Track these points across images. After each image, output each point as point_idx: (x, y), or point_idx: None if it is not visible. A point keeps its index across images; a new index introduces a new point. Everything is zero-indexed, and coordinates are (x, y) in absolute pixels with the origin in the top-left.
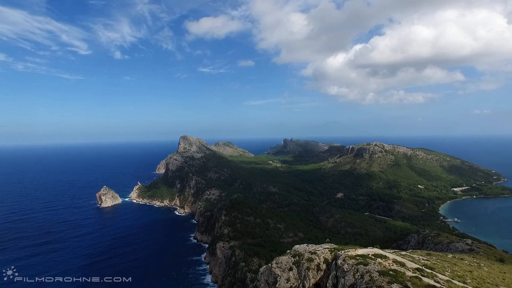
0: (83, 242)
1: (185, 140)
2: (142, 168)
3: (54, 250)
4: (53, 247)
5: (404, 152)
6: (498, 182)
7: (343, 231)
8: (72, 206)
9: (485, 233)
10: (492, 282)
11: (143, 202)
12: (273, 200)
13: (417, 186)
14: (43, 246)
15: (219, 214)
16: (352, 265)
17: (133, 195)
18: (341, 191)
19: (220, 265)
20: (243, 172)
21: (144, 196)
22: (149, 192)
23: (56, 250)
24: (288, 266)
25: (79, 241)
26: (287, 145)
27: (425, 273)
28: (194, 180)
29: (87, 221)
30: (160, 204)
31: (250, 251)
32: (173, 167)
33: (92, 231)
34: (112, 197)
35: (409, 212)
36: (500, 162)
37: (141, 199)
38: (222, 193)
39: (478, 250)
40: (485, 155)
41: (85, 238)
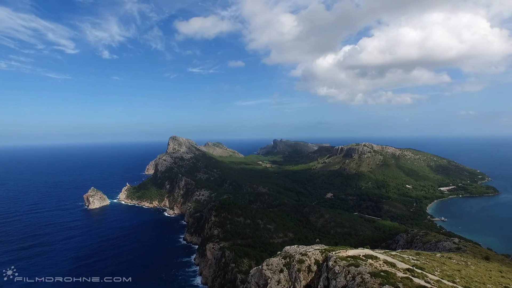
0: (69, 245)
1: (174, 140)
2: (131, 169)
3: (38, 254)
4: (38, 250)
5: (393, 152)
6: (482, 182)
7: (333, 231)
8: (58, 208)
9: (470, 231)
10: (479, 280)
11: (132, 203)
12: (263, 200)
13: (405, 186)
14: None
15: (208, 215)
16: (343, 267)
17: (122, 196)
18: (330, 191)
19: (210, 266)
20: (233, 173)
21: (133, 197)
22: (138, 193)
23: (40, 254)
24: (278, 268)
25: (65, 244)
26: (277, 146)
27: (416, 274)
28: (184, 180)
29: (73, 223)
30: (149, 205)
31: (240, 252)
32: (162, 168)
33: (78, 233)
34: (100, 199)
35: (397, 212)
36: (484, 162)
37: (130, 200)
38: (212, 194)
39: (465, 249)
40: (470, 155)
41: (71, 241)
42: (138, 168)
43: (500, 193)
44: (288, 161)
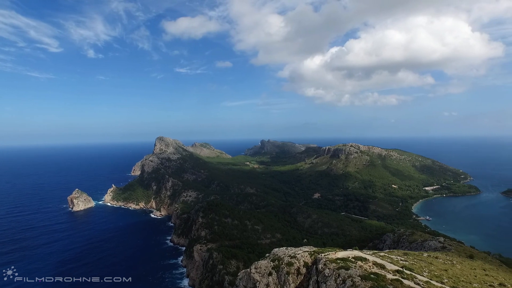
0: (51, 249)
1: (161, 141)
2: (117, 170)
3: (17, 260)
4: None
5: (379, 152)
6: (465, 181)
7: (320, 231)
8: (40, 211)
9: (454, 230)
10: (466, 280)
11: (118, 205)
12: (250, 201)
13: (391, 186)
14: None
15: (196, 216)
16: (333, 270)
17: (107, 197)
18: (318, 191)
19: (197, 268)
20: (220, 174)
21: (118, 198)
22: (124, 194)
23: (19, 260)
24: (267, 271)
25: (47, 248)
26: (265, 146)
27: (405, 275)
28: (171, 181)
29: (56, 226)
30: (136, 206)
31: (228, 254)
32: (149, 169)
33: (62, 237)
34: (84, 200)
35: (384, 212)
36: (466, 162)
37: (116, 202)
38: (199, 195)
39: (450, 248)
40: (453, 155)
41: (54, 245)
42: (124, 169)
43: (482, 192)
44: (275, 162)
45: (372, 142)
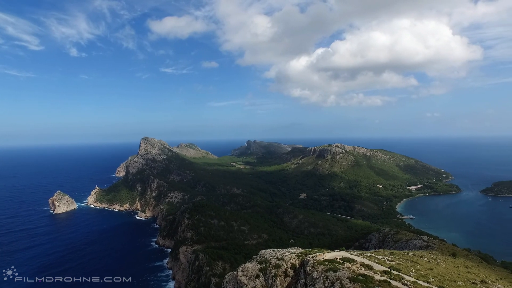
0: (31, 253)
1: (146, 141)
2: (101, 171)
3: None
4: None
5: (364, 153)
6: (447, 180)
7: (307, 231)
8: (19, 214)
9: (436, 228)
10: (450, 278)
11: (102, 206)
12: (236, 202)
13: (376, 186)
14: None
15: (182, 218)
16: (321, 272)
17: (91, 199)
18: (304, 191)
19: (183, 270)
20: (206, 174)
21: (102, 200)
22: (108, 196)
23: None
24: (254, 274)
25: (26, 253)
26: (251, 147)
27: (393, 276)
28: (156, 182)
29: (37, 230)
30: (120, 208)
31: (214, 255)
32: (134, 170)
33: (42, 241)
34: (67, 202)
35: (369, 211)
36: (448, 162)
37: (100, 204)
38: (185, 196)
39: (433, 246)
40: (435, 155)
41: (34, 249)
42: (108, 170)
43: (462, 191)
44: (261, 162)
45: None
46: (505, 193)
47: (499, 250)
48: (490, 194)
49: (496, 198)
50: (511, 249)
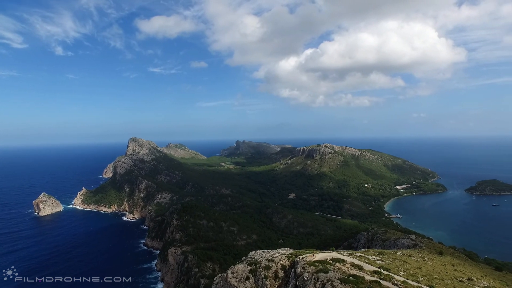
0: (15, 257)
1: (134, 142)
2: (88, 172)
3: None
4: None
5: (352, 153)
6: (433, 180)
7: (296, 231)
8: (1, 217)
9: (423, 226)
10: (438, 277)
11: (89, 208)
12: (226, 202)
13: (364, 185)
14: None
15: (170, 219)
16: (312, 273)
17: (77, 201)
18: (293, 191)
19: (172, 271)
20: (195, 175)
21: (89, 201)
22: (95, 197)
23: None
24: (244, 276)
25: (9, 258)
26: (240, 147)
27: (383, 276)
28: (144, 183)
29: (20, 233)
30: (108, 209)
31: (203, 256)
32: (122, 171)
33: (26, 244)
34: (52, 204)
35: (357, 211)
36: (434, 161)
37: (86, 205)
38: (174, 197)
39: (421, 245)
40: (422, 155)
41: (16, 254)
42: (96, 171)
43: (448, 190)
44: (251, 162)
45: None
46: (488, 191)
47: (482, 247)
48: (474, 193)
49: (480, 196)
50: (494, 246)
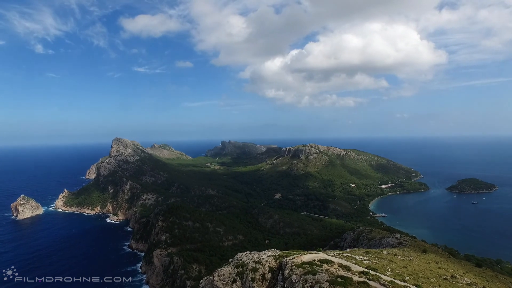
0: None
1: (118, 142)
2: (70, 173)
3: None
4: None
5: (337, 152)
6: (416, 179)
7: (282, 231)
8: None
9: (407, 225)
10: (424, 275)
11: (71, 210)
12: (211, 203)
13: (349, 185)
14: None
15: (155, 220)
16: (300, 276)
17: (59, 203)
18: (279, 191)
19: (157, 274)
20: (181, 175)
21: (71, 204)
22: (77, 199)
23: None
24: (231, 278)
25: None
26: (225, 147)
27: (371, 276)
28: (129, 184)
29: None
30: (91, 211)
31: (189, 258)
32: (105, 172)
33: (4, 250)
34: (31, 207)
35: (343, 210)
36: (417, 161)
37: (68, 208)
38: (159, 198)
39: (405, 243)
40: (405, 154)
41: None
42: (78, 173)
43: (430, 188)
44: (236, 163)
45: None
46: (468, 190)
47: (462, 244)
48: (455, 191)
49: (460, 195)
50: (473, 242)
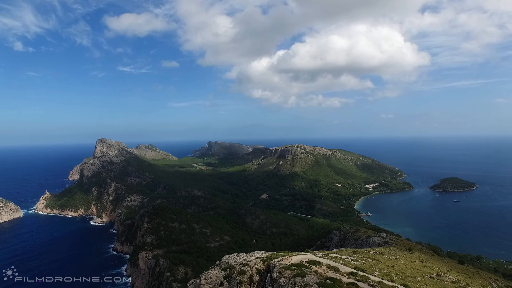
0: None
1: (102, 143)
2: (52, 175)
3: None
4: None
5: (324, 153)
6: (400, 178)
7: (269, 232)
8: None
9: (391, 224)
10: (411, 274)
11: (53, 213)
12: (198, 204)
13: (335, 185)
14: None
15: (141, 222)
16: (289, 278)
17: (40, 206)
18: (265, 192)
19: (143, 276)
20: (167, 176)
21: (53, 206)
22: (60, 201)
23: None
24: (218, 281)
25: None
26: (212, 148)
27: (359, 277)
28: (113, 186)
29: None
30: (74, 214)
31: (175, 259)
32: (89, 173)
33: None
34: (10, 210)
35: (329, 210)
36: (401, 161)
37: (50, 210)
38: (144, 199)
39: (391, 242)
40: (390, 154)
41: None
42: (61, 174)
43: (414, 188)
44: (223, 163)
45: (317, 142)
46: (450, 188)
47: (445, 241)
48: (437, 190)
49: (442, 193)
50: (454, 239)
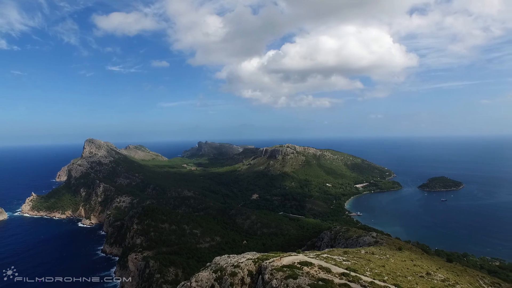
0: None
1: (91, 143)
2: (38, 176)
3: None
4: None
5: (314, 153)
6: (390, 178)
7: (260, 232)
8: None
9: (381, 223)
10: (401, 274)
11: (39, 215)
12: (188, 204)
13: (325, 184)
14: None
15: (130, 223)
16: (281, 280)
17: (25, 207)
18: (256, 192)
19: (132, 279)
20: (156, 177)
21: (40, 208)
22: (47, 203)
23: None
24: (209, 284)
25: None
26: (202, 148)
27: (351, 278)
28: (102, 187)
29: None
30: (61, 216)
31: (165, 261)
32: (77, 174)
33: None
34: None
35: (319, 209)
36: (391, 160)
37: (37, 212)
38: (134, 200)
39: (382, 242)
40: (379, 154)
41: None
42: (47, 175)
43: (403, 187)
44: (213, 164)
45: (307, 143)
46: (438, 188)
47: (433, 240)
48: (426, 189)
49: (430, 192)
50: (442, 238)
